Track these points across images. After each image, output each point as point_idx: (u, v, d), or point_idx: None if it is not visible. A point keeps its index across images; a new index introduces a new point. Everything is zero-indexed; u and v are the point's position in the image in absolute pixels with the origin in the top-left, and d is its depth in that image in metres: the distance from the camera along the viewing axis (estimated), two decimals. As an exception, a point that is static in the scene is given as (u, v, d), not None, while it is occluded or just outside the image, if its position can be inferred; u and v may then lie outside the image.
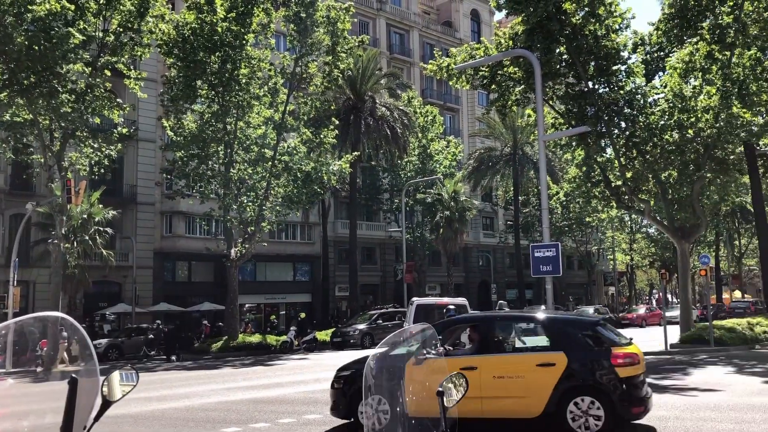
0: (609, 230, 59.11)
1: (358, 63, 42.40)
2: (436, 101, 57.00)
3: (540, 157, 20.72)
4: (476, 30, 63.24)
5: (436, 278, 53.34)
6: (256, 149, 30.83)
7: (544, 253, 19.39)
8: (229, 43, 28.52)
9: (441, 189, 46.00)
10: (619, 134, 25.20)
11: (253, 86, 29.75)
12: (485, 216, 61.54)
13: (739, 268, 63.29)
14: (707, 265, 27.69)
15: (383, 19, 56.57)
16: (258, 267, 45.28)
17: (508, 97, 25.50)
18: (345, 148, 39.43)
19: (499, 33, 25.26)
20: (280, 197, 32.33)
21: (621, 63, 24.62)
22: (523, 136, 50.45)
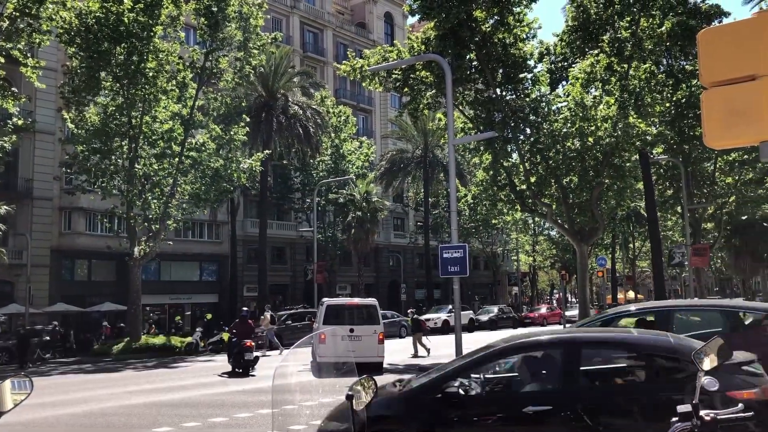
0: (513, 232, 61.07)
1: (271, 60, 41.88)
2: (349, 102, 57.09)
3: (449, 161, 21.15)
4: (389, 33, 63.83)
5: (346, 278, 53.42)
6: (162, 144, 29.88)
7: (452, 254, 19.79)
8: (136, 34, 27.50)
9: (353, 189, 46.13)
10: (525, 140, 26.08)
11: (160, 80, 28.81)
12: (396, 217, 62.20)
13: (633, 269, 66.88)
14: (604, 266, 29.12)
15: (297, 17, 56.14)
16: (163, 266, 43.89)
17: (420, 100, 25.89)
18: (256, 146, 38.87)
19: (411, 37, 25.59)
20: (187, 195, 31.48)
21: (527, 71, 25.53)
22: (434, 139, 51.33)
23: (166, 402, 13.88)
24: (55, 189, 38.81)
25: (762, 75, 3.13)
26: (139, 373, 21.29)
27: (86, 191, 31.70)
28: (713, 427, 2.90)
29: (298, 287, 50.67)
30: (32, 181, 38.09)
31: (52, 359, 29.75)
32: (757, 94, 3.13)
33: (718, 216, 39.74)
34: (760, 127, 3.15)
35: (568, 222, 27.15)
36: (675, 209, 41.02)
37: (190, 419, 11.46)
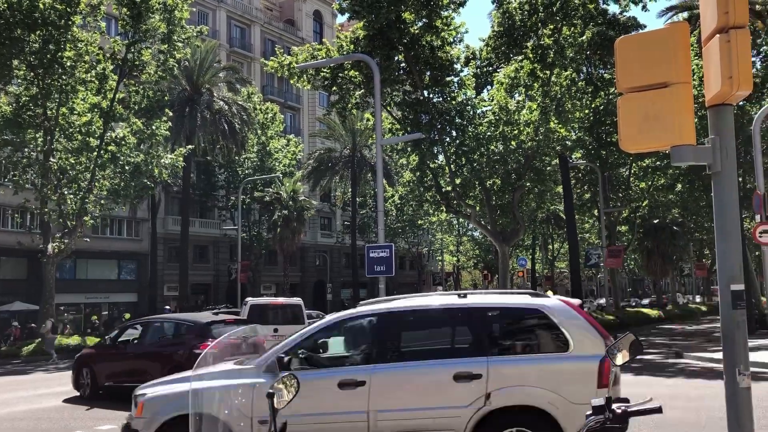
0: (438, 233, 61.94)
1: (196, 54, 40.94)
2: (277, 99, 56.46)
3: (377, 161, 21.24)
4: (319, 31, 63.53)
5: (272, 278, 52.81)
6: (80, 137, 28.69)
7: (378, 254, 19.90)
8: (53, 22, 26.29)
9: (279, 188, 45.64)
10: (450, 142, 26.51)
11: (78, 70, 27.67)
12: (323, 216, 61.95)
13: (552, 270, 69.05)
14: (524, 266, 29.90)
15: (224, 11, 55.09)
16: (79, 264, 42.22)
17: (349, 100, 25.95)
18: (179, 141, 37.89)
19: (341, 36, 25.57)
20: (105, 190, 30.35)
21: (454, 75, 25.96)
22: (362, 139, 51.43)
23: (81, 404, 13.34)
24: (-39, 182, 36.65)
25: (673, 82, 3.29)
26: (50, 376, 20.38)
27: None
28: (624, 419, 3.04)
29: (222, 287, 49.75)
30: (-65, 173, 35.83)
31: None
32: (668, 101, 3.29)
33: (632, 219, 41.59)
34: (671, 132, 3.31)
35: (491, 223, 27.76)
36: (592, 212, 42.67)
37: (105, 422, 11.07)
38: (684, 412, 10.49)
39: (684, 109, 3.32)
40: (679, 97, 3.31)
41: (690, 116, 3.40)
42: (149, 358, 13.21)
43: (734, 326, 3.54)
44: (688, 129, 3.33)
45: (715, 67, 3.24)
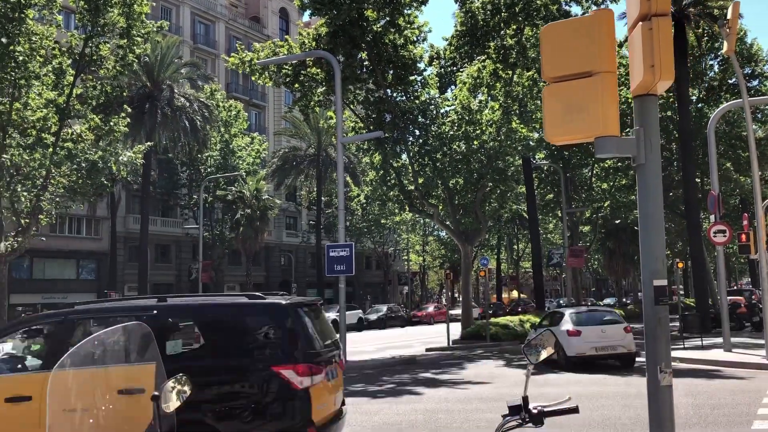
0: (404, 232, 61.95)
1: (157, 49, 40.23)
2: (241, 96, 55.86)
3: (338, 159, 21.08)
4: (285, 29, 63.02)
5: (235, 278, 52.21)
6: (34, 133, 27.89)
7: (338, 253, 19.84)
8: (5, 14, 25.50)
9: (243, 186, 45.13)
10: (413, 141, 26.45)
11: (32, 64, 26.89)
12: (289, 215, 61.49)
13: (517, 270, 69.58)
14: (486, 266, 30.01)
15: (188, 7, 54.31)
16: (35, 263, 41.23)
17: (311, 97, 25.69)
18: (139, 138, 37.19)
19: (303, 33, 25.29)
20: (61, 187, 29.58)
21: (417, 74, 25.87)
22: (327, 137, 51.15)
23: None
24: None
25: (598, 71, 3.20)
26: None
27: (-54, 181, 29.13)
28: (540, 419, 2.94)
29: (184, 287, 48.98)
30: None
31: None
32: (592, 90, 3.20)
33: (594, 220, 42.06)
34: (595, 123, 3.22)
35: (454, 223, 27.77)
36: (555, 212, 43.06)
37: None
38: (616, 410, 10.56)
39: (608, 99, 3.23)
40: (603, 86, 3.21)
41: (614, 107, 3.30)
42: None
43: (656, 323, 3.45)
44: (612, 120, 3.24)
45: (639, 57, 3.15)
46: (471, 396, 12.91)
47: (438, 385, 14.83)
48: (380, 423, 10.37)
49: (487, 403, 11.80)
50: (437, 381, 15.52)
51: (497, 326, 26.69)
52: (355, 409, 11.51)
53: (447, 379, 15.84)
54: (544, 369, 16.02)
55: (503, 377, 15.76)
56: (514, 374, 16.22)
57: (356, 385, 15.08)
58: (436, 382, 15.25)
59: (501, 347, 24.09)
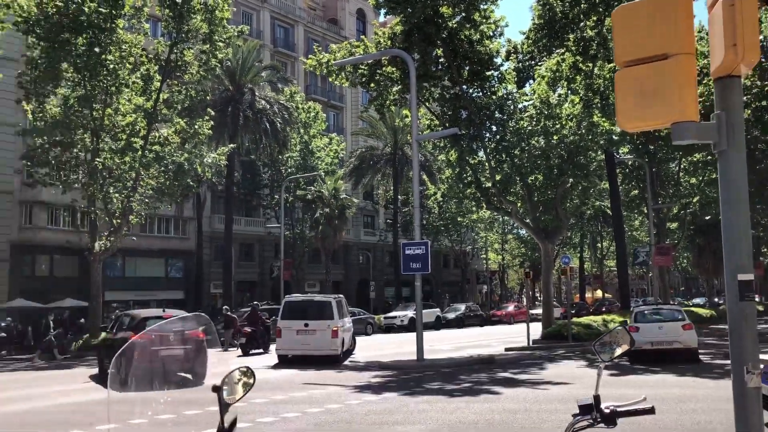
0: (482, 231, 61.28)
1: (238, 54, 41.40)
2: (320, 98, 56.75)
3: (413, 157, 21.08)
4: (362, 29, 63.54)
5: (315, 276, 53.07)
6: (124, 138, 29.29)
7: (414, 251, 19.83)
8: (98, 25, 26.89)
9: (321, 186, 45.84)
10: (490, 138, 26.09)
11: (122, 72, 28.23)
12: (366, 214, 62.00)
13: (601, 269, 67.55)
14: (568, 265, 29.25)
15: (267, 11, 55.64)
16: (128, 262, 43.22)
17: (386, 96, 25.75)
18: (222, 141, 38.37)
19: (378, 32, 25.40)
20: (150, 189, 30.92)
21: (494, 69, 25.49)
22: (403, 136, 51.28)
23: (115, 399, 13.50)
24: (15, 182, 37.91)
25: (674, 53, 3.01)
26: (93, 370, 20.81)
27: (47, 184, 30.99)
28: (612, 419, 2.80)
29: (266, 284, 50.22)
30: (-9, 174, 37.16)
31: (8, 356, 29.02)
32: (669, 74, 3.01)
33: (682, 216, 40.24)
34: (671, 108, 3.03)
35: (533, 220, 27.23)
36: (640, 209, 41.49)
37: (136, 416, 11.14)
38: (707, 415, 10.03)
39: (686, 82, 3.02)
40: (680, 69, 3.01)
41: (692, 90, 3.09)
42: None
43: (742, 320, 3.22)
44: (690, 104, 3.04)
45: (719, 36, 2.94)
46: (551, 397, 12.61)
47: (517, 384, 14.56)
48: (456, 421, 10.26)
49: (567, 404, 11.47)
50: (516, 381, 15.24)
51: (579, 326, 25.98)
52: (432, 407, 11.46)
53: (526, 379, 15.53)
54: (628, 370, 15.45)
55: (585, 378, 15.30)
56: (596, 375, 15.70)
57: (433, 384, 15.01)
58: (515, 382, 14.98)
59: (583, 347, 23.39)
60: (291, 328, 20.02)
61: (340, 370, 18.27)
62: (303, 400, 12.63)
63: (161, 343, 6.40)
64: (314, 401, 12.39)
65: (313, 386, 14.76)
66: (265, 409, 11.34)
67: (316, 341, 19.90)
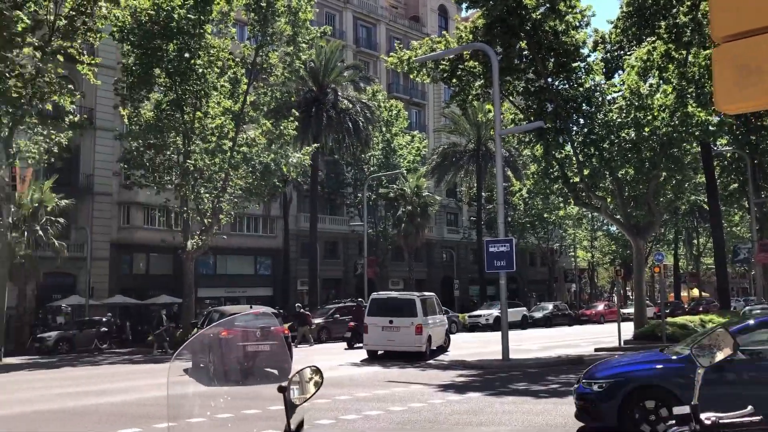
0: (570, 227, 59.60)
1: (321, 54, 41.97)
2: (402, 96, 56.81)
3: (496, 152, 20.68)
4: (444, 26, 63.09)
5: (399, 273, 53.19)
6: (214, 140, 30.27)
7: (498, 249, 19.43)
8: (187, 31, 27.91)
9: (404, 184, 45.86)
10: (578, 131, 25.26)
11: (210, 75, 29.17)
12: (449, 212, 61.59)
13: (698, 266, 64.39)
14: (661, 262, 28.01)
15: (350, 12, 56.18)
16: (219, 260, 44.69)
17: (469, 91, 25.38)
18: (306, 141, 39.01)
19: (460, 26, 25.09)
20: (239, 189, 31.83)
21: (580, 60, 24.64)
22: (487, 131, 50.55)
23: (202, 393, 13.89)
24: (114, 184, 39.92)
25: (782, 25, 2.68)
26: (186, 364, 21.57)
27: (143, 186, 32.43)
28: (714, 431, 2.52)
29: (351, 281, 50.75)
30: (93, 176, 39.29)
31: (108, 350, 30.60)
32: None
33: (788, 210, 37.70)
34: (777, 86, 2.71)
35: (624, 216, 26.17)
36: (741, 203, 39.19)
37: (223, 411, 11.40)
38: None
39: (795, 57, 2.69)
40: (789, 42, 2.68)
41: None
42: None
43: None
44: (801, 82, 2.70)
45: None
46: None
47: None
48: (543, 424, 9.93)
49: (662, 409, 10.90)
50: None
51: (674, 326, 24.74)
52: (517, 409, 11.15)
53: (617, 381, 14.89)
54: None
55: (681, 381, 14.51)
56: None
57: (519, 384, 14.64)
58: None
59: (679, 349, 22.31)
60: (377, 324, 20.70)
61: (424, 369, 18.15)
62: (386, 397, 12.59)
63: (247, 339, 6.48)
64: (397, 399, 12.32)
65: (396, 384, 14.71)
66: (348, 406, 11.37)
67: (401, 338, 20.39)
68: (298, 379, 2.66)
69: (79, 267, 37.47)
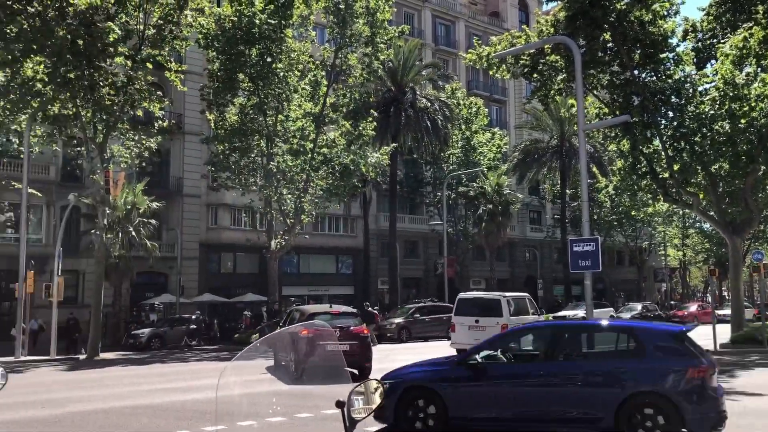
0: (659, 225, 57.18)
1: (399, 54, 41.97)
2: (482, 93, 56.14)
3: (580, 148, 20.01)
4: (524, 20, 61.80)
5: (480, 273, 52.58)
6: (295, 142, 30.80)
7: (583, 248, 18.81)
8: (268, 35, 28.50)
9: (484, 182, 45.26)
10: (667, 124, 24.22)
11: (291, 79, 29.68)
12: (532, 210, 60.39)
13: (802, 266, 60.50)
14: (760, 261, 26.37)
15: (428, 10, 55.98)
16: (302, 259, 45.49)
17: (550, 86, 24.81)
18: (385, 141, 39.11)
19: (540, 20, 24.50)
20: (320, 190, 32.26)
21: (669, 50, 23.58)
22: (569, 127, 49.22)
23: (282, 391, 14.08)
24: (202, 186, 41.30)
25: None
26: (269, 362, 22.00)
27: (229, 187, 33.38)
28: None
29: (431, 281, 50.55)
30: (182, 179, 40.80)
31: (197, 347, 31.68)
32: None
33: None
34: None
35: (718, 213, 24.86)
36: None
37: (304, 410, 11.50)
38: None
39: None
40: None
41: None
42: None
43: None
44: None
45: None
46: (744, 409, 11.27)
47: (701, 394, 13.23)
48: None
49: (764, 419, 10.21)
50: (700, 389, 13.86)
51: (776, 330, 23.28)
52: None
53: (712, 387, 14.07)
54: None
55: (784, 389, 13.60)
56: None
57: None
58: (699, 391, 13.62)
59: (782, 354, 20.98)
60: (463, 323, 21.21)
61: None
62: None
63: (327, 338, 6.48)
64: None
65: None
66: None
67: (486, 337, 20.21)
68: (362, 389, 2.53)
69: (170, 266, 38.99)
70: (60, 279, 26.98)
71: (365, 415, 2.52)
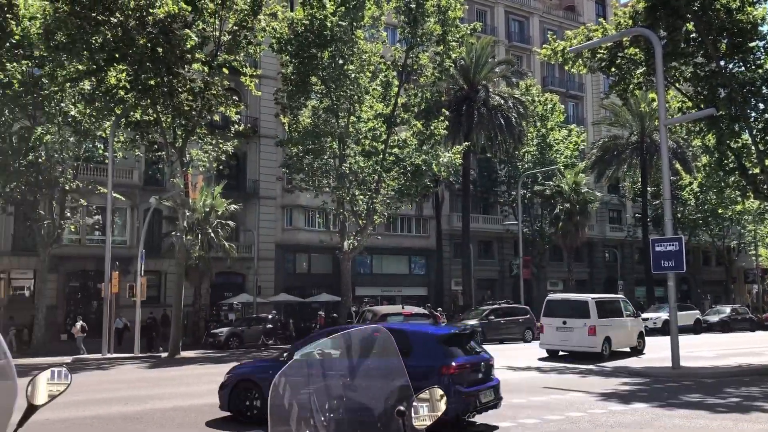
0: (749, 223, 54.27)
1: (471, 52, 41.46)
2: (557, 89, 54.86)
3: (661, 143, 19.22)
4: (601, 13, 59.97)
5: (557, 274, 51.36)
6: (367, 143, 30.85)
7: (666, 248, 18.15)
8: (340, 38, 28.65)
9: (561, 180, 44.12)
10: (757, 117, 22.85)
11: (363, 80, 29.74)
12: (612, 209, 58.53)
13: None
14: None
15: (501, 6, 55.17)
16: (375, 260, 45.67)
17: (630, 80, 23.84)
18: (458, 140, 38.69)
19: (618, 12, 23.62)
20: (391, 190, 32.20)
21: (759, 39, 22.25)
22: (650, 122, 47.33)
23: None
24: (277, 188, 42.07)
25: None
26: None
27: (303, 189, 33.81)
28: None
29: (507, 282, 49.74)
30: (258, 181, 41.70)
31: (273, 345, 32.22)
32: None
33: None
34: None
35: (815, 210, 23.28)
36: None
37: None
38: None
39: None
40: None
41: None
42: None
43: None
44: None
45: None
46: None
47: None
48: (720, 444, 8.92)
49: None
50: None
51: None
52: (690, 424, 10.15)
53: (811, 397, 13.17)
54: None
55: None
56: None
57: (691, 396, 13.39)
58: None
59: None
60: (552, 325, 21.73)
61: (584, 375, 17.20)
62: (542, 405, 12.00)
63: None
64: (554, 408, 11.69)
65: (553, 390, 14.01)
66: (501, 412, 10.91)
67: (574, 338, 21.15)
68: (427, 396, 2.38)
69: (247, 267, 39.92)
70: (143, 279, 28.01)
71: (429, 422, 2.36)
